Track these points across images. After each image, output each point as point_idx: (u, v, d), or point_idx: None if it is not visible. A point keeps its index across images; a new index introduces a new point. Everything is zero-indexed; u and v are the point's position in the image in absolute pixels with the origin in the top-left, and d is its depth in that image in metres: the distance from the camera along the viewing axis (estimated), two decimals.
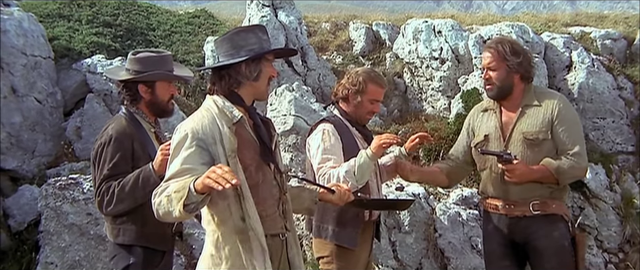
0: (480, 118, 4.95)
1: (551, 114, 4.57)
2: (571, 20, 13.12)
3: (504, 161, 4.45)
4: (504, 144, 4.66)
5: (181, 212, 3.08)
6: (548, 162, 4.51)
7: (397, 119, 11.08)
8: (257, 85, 3.54)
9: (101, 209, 4.33)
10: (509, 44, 4.69)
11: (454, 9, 23.97)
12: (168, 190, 3.17)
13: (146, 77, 4.46)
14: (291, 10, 12.06)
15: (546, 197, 4.61)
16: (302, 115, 8.77)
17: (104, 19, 11.86)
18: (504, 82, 4.66)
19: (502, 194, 4.71)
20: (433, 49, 11.26)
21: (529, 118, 4.63)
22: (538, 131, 4.57)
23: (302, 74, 11.21)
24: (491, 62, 4.68)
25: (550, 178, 4.51)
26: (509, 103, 4.75)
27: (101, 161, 4.31)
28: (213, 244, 3.43)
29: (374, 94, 4.84)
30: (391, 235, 8.00)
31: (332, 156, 4.57)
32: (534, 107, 4.65)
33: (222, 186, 2.91)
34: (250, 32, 3.58)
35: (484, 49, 4.86)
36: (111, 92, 9.32)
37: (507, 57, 4.61)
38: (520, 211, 4.64)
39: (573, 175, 4.61)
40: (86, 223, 7.15)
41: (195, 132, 3.33)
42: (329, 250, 4.74)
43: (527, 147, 4.59)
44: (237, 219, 3.34)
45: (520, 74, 4.67)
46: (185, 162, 3.26)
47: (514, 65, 4.61)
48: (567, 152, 4.52)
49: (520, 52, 4.69)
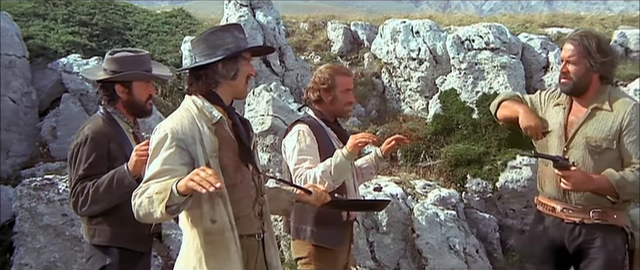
0: (549, 106, 4.57)
1: (621, 122, 4.19)
2: (548, 21, 13.22)
3: (560, 167, 4.15)
4: (565, 144, 4.34)
5: (163, 213, 3.05)
6: (610, 174, 4.15)
7: (375, 119, 11.10)
8: (235, 84, 3.51)
9: (76, 209, 4.29)
10: (595, 40, 4.29)
11: (432, 10, 24.08)
12: (149, 191, 3.14)
13: (123, 77, 4.40)
14: (269, 10, 12.04)
15: (608, 206, 4.27)
16: (280, 116, 8.74)
17: (80, 18, 11.78)
18: (581, 78, 4.29)
19: (561, 197, 4.37)
20: (411, 50, 11.28)
21: (597, 122, 4.26)
22: (603, 138, 4.21)
23: (280, 74, 11.19)
24: (572, 56, 4.29)
25: (609, 191, 4.16)
26: (582, 101, 4.38)
27: (77, 161, 4.26)
28: (188, 245, 3.40)
29: (345, 85, 4.82)
30: (369, 236, 8.00)
31: (308, 157, 4.55)
32: (604, 111, 4.27)
33: (205, 189, 2.89)
34: (226, 31, 3.55)
35: (566, 40, 4.47)
36: (87, 92, 9.25)
37: (591, 53, 4.23)
38: (579, 217, 4.31)
39: (635, 191, 4.19)
40: (61, 224, 7.07)
41: (175, 132, 3.29)
42: (307, 251, 4.72)
43: (589, 154, 4.25)
44: (206, 221, 3.31)
45: (600, 73, 4.30)
46: (165, 162, 3.23)
47: (596, 64, 4.24)
48: (632, 165, 4.17)
49: (606, 51, 4.33)
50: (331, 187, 4.34)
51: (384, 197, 7.99)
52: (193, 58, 3.60)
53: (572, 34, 4.52)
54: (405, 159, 9.68)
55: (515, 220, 9.21)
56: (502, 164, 9.30)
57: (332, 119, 4.89)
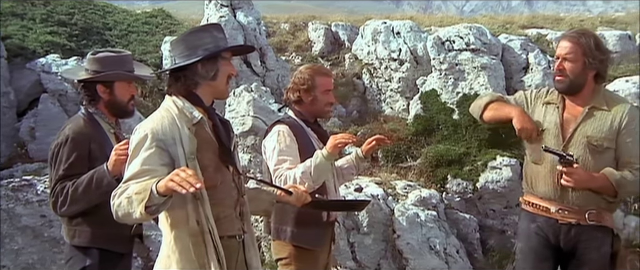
0: (539, 105, 4.55)
1: (619, 122, 4.26)
2: (528, 22, 13.30)
3: (565, 163, 4.12)
4: (563, 144, 4.32)
5: (142, 213, 3.04)
6: (610, 173, 4.20)
7: (356, 119, 11.10)
8: (215, 84, 3.50)
9: (55, 209, 4.27)
10: (593, 38, 4.32)
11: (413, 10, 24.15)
12: (128, 191, 3.12)
13: (104, 77, 4.39)
14: (250, 10, 12.01)
15: (603, 207, 4.33)
16: (260, 116, 8.73)
17: (58, 17, 11.69)
18: (578, 76, 4.29)
19: (557, 197, 4.36)
20: (392, 50, 11.30)
21: (596, 121, 4.29)
22: (604, 138, 4.26)
23: (260, 74, 11.17)
24: (569, 53, 4.28)
25: (608, 189, 4.20)
26: (576, 100, 4.38)
27: (57, 161, 4.25)
28: (168, 246, 3.39)
29: (324, 85, 4.83)
30: (350, 236, 7.99)
31: (288, 157, 4.55)
32: (603, 111, 4.31)
33: (185, 189, 2.88)
34: (205, 31, 3.54)
35: (561, 38, 4.48)
36: (66, 92, 9.18)
37: (590, 51, 4.24)
38: (575, 218, 4.32)
39: (634, 190, 4.39)
40: (40, 225, 7.01)
41: (155, 132, 3.28)
42: (287, 251, 4.72)
43: (589, 153, 4.27)
44: (192, 221, 3.30)
45: (596, 72, 4.31)
46: (144, 163, 3.21)
47: (595, 62, 4.25)
48: (631, 165, 4.22)
49: (604, 49, 4.37)
50: (311, 188, 4.34)
51: (365, 197, 7.99)
52: (173, 59, 3.59)
53: (568, 31, 4.55)
54: (386, 160, 9.69)
55: (496, 221, 9.23)
56: (483, 164, 9.33)
57: (312, 120, 4.89)
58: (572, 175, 4.11)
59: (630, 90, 10.16)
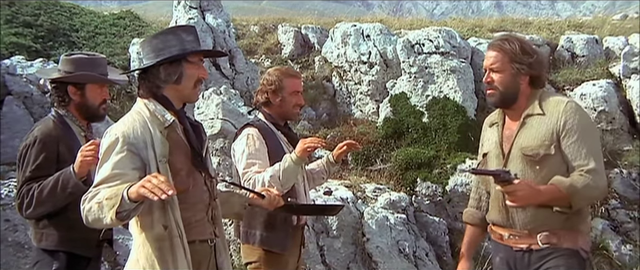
0: (486, 134, 4.22)
1: (556, 124, 3.77)
2: (497, 25, 13.40)
3: (502, 181, 3.61)
4: (503, 162, 3.91)
5: (113, 219, 3.01)
6: (558, 181, 3.67)
7: (325, 122, 11.09)
8: (180, 88, 3.45)
9: (21, 211, 4.26)
10: (517, 42, 3.92)
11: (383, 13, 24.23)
12: (99, 196, 3.09)
13: (75, 78, 4.38)
14: (219, 12, 11.96)
15: (557, 227, 3.78)
16: (229, 119, 8.69)
17: (24, 18, 11.54)
18: (509, 87, 3.89)
19: (505, 222, 3.94)
20: (361, 53, 11.31)
21: (530, 130, 3.84)
22: (538, 145, 3.76)
23: (230, 77, 11.12)
24: (495, 63, 3.90)
25: (561, 200, 3.67)
26: (514, 113, 3.98)
27: (25, 163, 4.23)
28: (138, 250, 3.37)
29: (292, 87, 4.83)
30: (319, 240, 7.98)
31: (257, 161, 4.54)
32: (537, 116, 3.85)
33: (157, 196, 2.85)
34: (170, 33, 3.50)
35: (487, 48, 4.08)
36: (31, 95, 9.05)
37: (516, 57, 3.86)
38: (526, 243, 3.84)
39: (589, 196, 3.75)
40: (4, 230, 6.90)
41: (126, 136, 3.25)
42: (257, 255, 4.70)
43: (527, 165, 3.80)
44: (158, 226, 3.28)
45: (529, 76, 3.90)
46: (115, 166, 3.18)
47: (524, 67, 3.85)
48: (580, 168, 3.69)
49: (531, 51, 3.93)
50: (281, 192, 4.31)
51: (334, 201, 7.98)
52: (141, 60, 3.55)
53: (493, 40, 4.12)
54: (356, 163, 9.69)
55: None
56: (452, 167, 9.37)
57: (282, 123, 4.90)
58: (514, 194, 3.60)
59: (597, 94, 10.28)
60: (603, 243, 9.00)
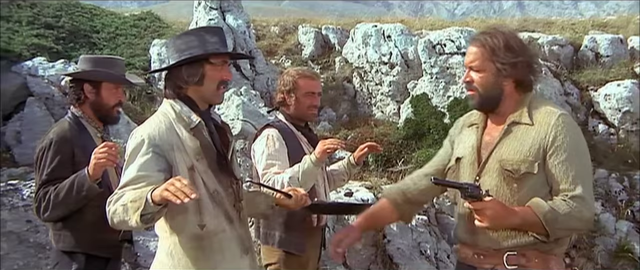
0: (463, 134, 3.62)
1: (545, 139, 3.21)
2: (519, 25, 13.31)
3: (470, 197, 3.12)
4: (477, 172, 3.35)
5: (138, 222, 2.98)
6: (536, 204, 3.13)
7: (346, 123, 11.05)
8: (202, 89, 3.41)
9: (38, 214, 4.24)
10: (502, 37, 3.33)
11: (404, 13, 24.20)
12: (124, 199, 3.07)
13: (90, 75, 4.39)
14: (239, 13, 11.96)
15: (528, 247, 3.24)
16: (250, 120, 8.68)
17: (45, 20, 11.61)
18: (490, 88, 3.35)
19: (470, 239, 3.39)
20: (382, 54, 11.26)
21: (514, 140, 3.28)
22: (521, 160, 3.21)
23: (250, 78, 11.11)
24: (474, 61, 3.38)
25: (536, 226, 3.13)
26: (497, 117, 3.42)
27: (41, 166, 4.22)
28: (166, 252, 3.35)
29: (307, 87, 4.80)
30: None
31: (276, 162, 4.52)
32: (524, 125, 3.29)
33: (180, 200, 2.82)
34: (194, 34, 3.47)
35: (469, 42, 3.54)
36: (53, 96, 9.10)
37: (498, 54, 3.30)
38: (491, 263, 3.31)
39: (569, 226, 3.17)
40: (25, 230, 6.92)
41: (152, 137, 3.24)
42: (276, 257, 4.68)
43: (504, 181, 3.25)
44: (193, 227, 3.27)
45: (514, 78, 3.34)
46: (141, 168, 3.16)
47: (506, 67, 3.30)
48: (564, 193, 3.16)
49: (516, 48, 3.33)
50: None
51: (355, 202, 7.95)
52: (162, 62, 3.53)
53: (476, 34, 3.59)
54: (377, 164, 9.64)
55: None
56: None
57: (301, 123, 4.86)
58: (483, 212, 3.09)
59: (622, 95, 10.18)
60: (627, 245, 8.91)
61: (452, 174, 3.47)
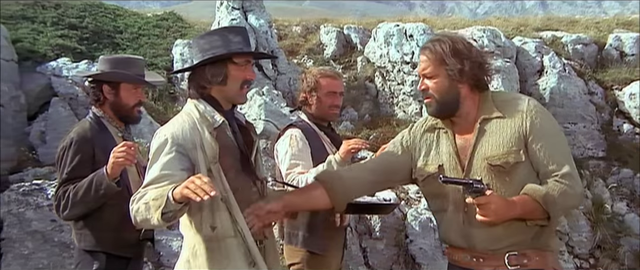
0: (424, 139, 3.55)
1: (522, 126, 3.24)
2: (542, 24, 13.20)
3: (474, 192, 3.10)
4: (463, 174, 3.31)
5: (159, 220, 3.01)
6: (532, 190, 3.16)
7: (368, 123, 11.02)
8: (225, 89, 3.42)
9: (58, 213, 4.27)
10: (449, 43, 3.34)
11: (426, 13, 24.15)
12: (146, 197, 3.10)
13: (108, 76, 4.41)
14: (261, 13, 11.97)
15: (526, 246, 3.25)
16: (272, 120, 8.69)
17: (69, 21, 11.69)
18: (445, 93, 3.34)
19: (466, 243, 3.34)
20: (404, 53, 11.22)
21: (492, 136, 3.28)
22: (506, 153, 3.22)
23: (272, 78, 11.12)
24: (426, 68, 3.38)
25: (537, 212, 3.15)
26: (461, 120, 3.40)
27: (61, 165, 4.26)
28: (189, 250, 3.37)
29: (328, 87, 4.80)
30: (362, 241, 7.93)
31: (300, 162, 4.52)
32: (496, 119, 3.31)
33: (200, 197, 2.83)
34: (217, 34, 3.48)
35: (420, 51, 3.53)
36: (77, 96, 9.16)
37: (445, 60, 3.31)
38: (492, 266, 3.27)
39: (567, 204, 3.23)
40: (50, 230, 6.99)
41: (175, 137, 3.25)
42: (299, 257, 4.69)
43: (495, 177, 3.25)
44: (206, 227, 3.27)
45: (466, 82, 3.34)
46: (164, 168, 3.18)
47: (454, 72, 3.30)
48: (553, 174, 3.18)
49: (463, 52, 3.34)
50: None
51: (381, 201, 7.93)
52: (184, 62, 3.55)
53: (425, 42, 3.54)
54: None
55: None
56: None
57: (324, 123, 4.85)
58: (487, 206, 3.07)
59: None
60: None
61: (436, 181, 3.31)
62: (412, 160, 3.56)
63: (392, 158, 3.64)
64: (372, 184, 3.64)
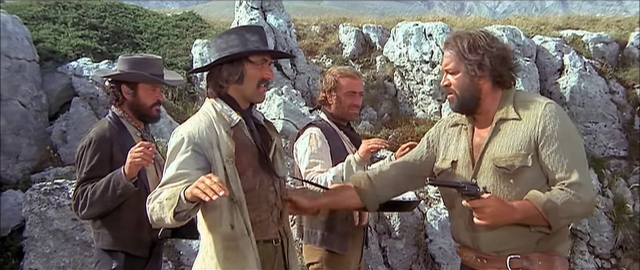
0: (447, 134, 3.60)
1: (534, 130, 3.19)
2: (563, 23, 13.11)
3: (467, 195, 3.09)
4: (472, 174, 3.32)
5: (172, 219, 3.03)
6: (534, 196, 3.11)
7: (387, 122, 10.99)
8: (242, 88, 3.44)
9: (77, 212, 4.32)
10: (468, 38, 3.35)
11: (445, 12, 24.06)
12: (161, 196, 3.12)
13: (126, 77, 4.44)
14: (280, 13, 11.98)
15: (529, 250, 3.21)
16: (291, 119, 8.69)
17: (90, 21, 11.75)
18: (466, 90, 3.35)
19: (472, 243, 3.36)
20: (424, 52, 11.19)
21: (504, 137, 3.26)
22: (513, 155, 3.19)
23: (291, 77, 11.12)
24: (448, 64, 3.40)
25: (537, 218, 3.10)
26: (482, 117, 3.40)
27: (80, 164, 4.30)
28: (205, 249, 3.39)
29: (348, 87, 4.80)
30: (381, 241, 7.92)
31: (319, 161, 4.53)
32: (512, 121, 3.27)
33: (209, 197, 2.84)
34: (234, 33, 3.49)
35: (443, 46, 3.55)
36: (97, 96, 9.21)
37: (465, 55, 3.32)
38: (494, 267, 3.27)
39: (571, 214, 3.13)
40: (71, 229, 7.03)
41: (192, 136, 3.28)
42: (318, 256, 4.70)
43: (500, 178, 3.22)
44: (225, 225, 3.28)
45: (487, 78, 3.33)
46: (180, 167, 3.21)
47: (474, 67, 3.30)
48: (560, 182, 3.12)
49: (483, 47, 3.32)
50: None
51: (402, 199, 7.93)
52: (203, 61, 3.57)
53: (448, 37, 3.54)
54: None
55: None
56: None
57: (344, 123, 4.86)
58: (483, 209, 3.05)
59: None
60: None
61: (447, 177, 3.44)
62: (436, 156, 3.60)
63: (419, 154, 3.69)
64: (401, 181, 3.67)
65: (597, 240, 9.14)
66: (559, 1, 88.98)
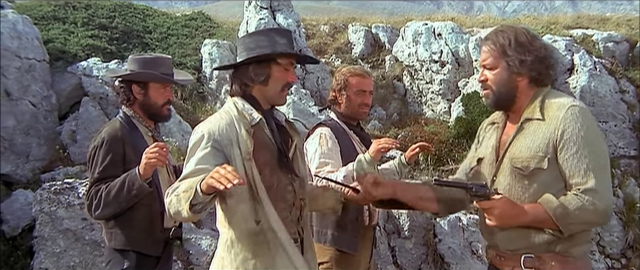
0: (485, 132, 3.66)
1: (554, 133, 3.14)
2: (573, 22, 13.08)
3: (476, 196, 3.12)
4: (494, 171, 3.35)
5: (188, 212, 3.04)
6: (546, 200, 3.08)
7: (396, 122, 10.99)
8: (266, 89, 3.48)
9: (90, 212, 4.30)
10: (513, 34, 3.31)
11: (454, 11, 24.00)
12: (178, 189, 3.14)
13: (137, 77, 4.45)
14: (289, 12, 11.98)
15: (541, 251, 3.18)
16: (300, 119, 8.68)
17: (99, 21, 11.79)
18: (502, 86, 3.32)
19: (490, 241, 3.41)
20: (433, 52, 11.18)
21: (526, 138, 3.23)
22: (530, 157, 3.16)
23: (300, 77, 11.12)
24: (486, 59, 3.37)
25: (548, 222, 3.08)
26: (515, 115, 3.39)
27: (93, 164, 4.29)
28: (224, 247, 3.41)
29: (358, 85, 4.80)
30: (390, 241, 7.91)
31: (329, 160, 4.52)
32: (536, 121, 3.23)
33: (224, 186, 2.83)
34: (263, 34, 3.54)
35: (481, 42, 3.51)
36: (107, 96, 9.24)
37: (507, 52, 3.28)
38: (510, 265, 3.28)
39: (582, 220, 3.06)
40: (81, 228, 7.04)
41: (211, 133, 3.31)
42: (328, 255, 4.67)
43: (515, 179, 3.22)
44: (250, 221, 3.32)
45: (527, 74, 3.28)
46: (199, 162, 3.24)
47: (515, 64, 3.26)
48: (576, 188, 3.07)
49: (526, 45, 3.28)
50: None
51: None
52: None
53: (488, 33, 3.50)
54: (427, 163, 9.57)
55: None
56: None
57: (354, 122, 4.85)
58: (491, 211, 3.10)
59: None
60: None
61: (475, 175, 3.46)
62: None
63: (471, 156, 3.70)
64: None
65: (607, 240, 9.10)
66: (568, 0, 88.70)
